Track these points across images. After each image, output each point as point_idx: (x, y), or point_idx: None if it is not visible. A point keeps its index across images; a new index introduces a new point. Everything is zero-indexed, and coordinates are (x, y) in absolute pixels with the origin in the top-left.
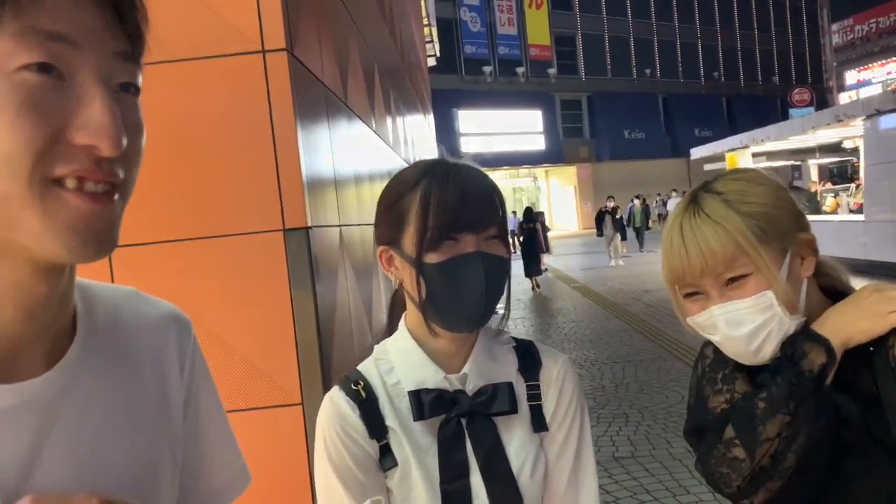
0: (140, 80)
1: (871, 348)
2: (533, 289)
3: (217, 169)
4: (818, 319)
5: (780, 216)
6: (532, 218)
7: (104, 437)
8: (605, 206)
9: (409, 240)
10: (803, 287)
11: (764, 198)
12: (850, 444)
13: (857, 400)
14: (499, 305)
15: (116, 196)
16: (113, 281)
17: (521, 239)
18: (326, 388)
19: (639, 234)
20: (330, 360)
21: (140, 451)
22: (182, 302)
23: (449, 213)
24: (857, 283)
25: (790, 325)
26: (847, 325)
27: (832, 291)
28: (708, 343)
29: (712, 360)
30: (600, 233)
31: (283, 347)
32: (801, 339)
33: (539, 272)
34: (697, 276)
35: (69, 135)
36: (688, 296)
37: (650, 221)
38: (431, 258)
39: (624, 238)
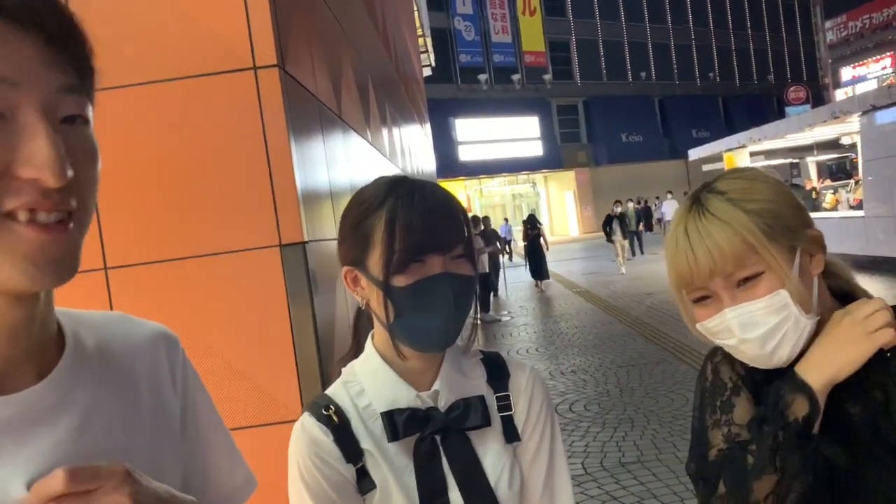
0: (89, 110)
1: (889, 354)
2: (537, 285)
3: (211, 186)
4: (803, 358)
5: (786, 212)
6: (535, 224)
7: (107, 446)
8: (613, 211)
9: (374, 262)
10: (815, 285)
11: (767, 194)
12: (847, 487)
13: (868, 407)
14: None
15: (72, 225)
16: (111, 300)
17: (526, 244)
18: None
19: (634, 238)
20: (330, 374)
21: (143, 458)
22: (180, 320)
23: (415, 236)
24: (859, 280)
25: (806, 324)
26: (832, 361)
27: (839, 293)
28: (709, 358)
29: (711, 384)
30: (609, 239)
31: (283, 363)
32: (786, 387)
33: (547, 275)
34: (706, 277)
35: (15, 169)
36: (697, 301)
37: (652, 223)
38: (399, 281)
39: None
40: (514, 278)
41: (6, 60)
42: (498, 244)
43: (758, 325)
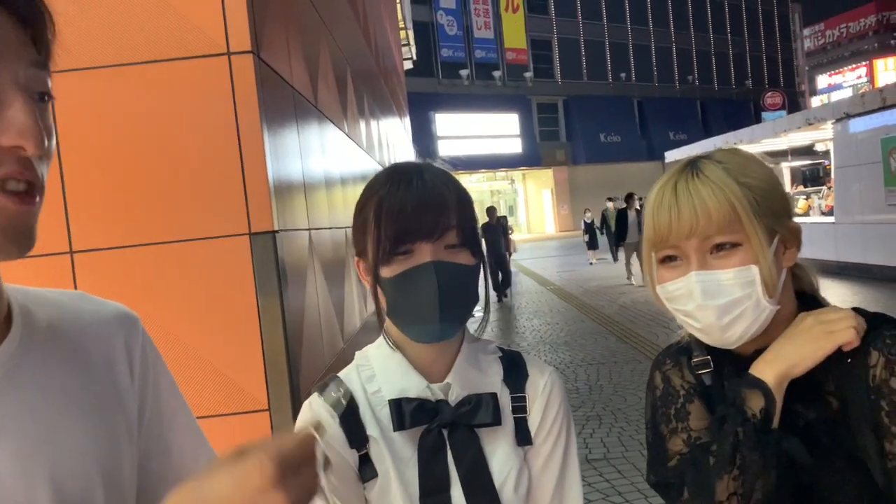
0: (50, 87)
1: (850, 360)
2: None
3: (181, 172)
4: (762, 355)
5: (774, 197)
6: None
7: (57, 422)
8: (586, 217)
9: (371, 250)
10: (783, 276)
11: (761, 175)
12: (810, 483)
13: (825, 411)
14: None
15: (38, 197)
16: (76, 284)
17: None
18: (294, 394)
19: (613, 240)
20: (298, 365)
21: (98, 436)
22: (146, 307)
23: (399, 224)
24: (827, 285)
25: (766, 308)
26: (791, 353)
27: (799, 295)
28: (657, 367)
29: (662, 392)
30: (592, 245)
31: (250, 352)
32: (740, 385)
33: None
34: (684, 236)
35: None
36: (664, 261)
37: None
38: (386, 271)
39: (595, 247)
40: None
41: None
42: (505, 240)
43: (720, 294)
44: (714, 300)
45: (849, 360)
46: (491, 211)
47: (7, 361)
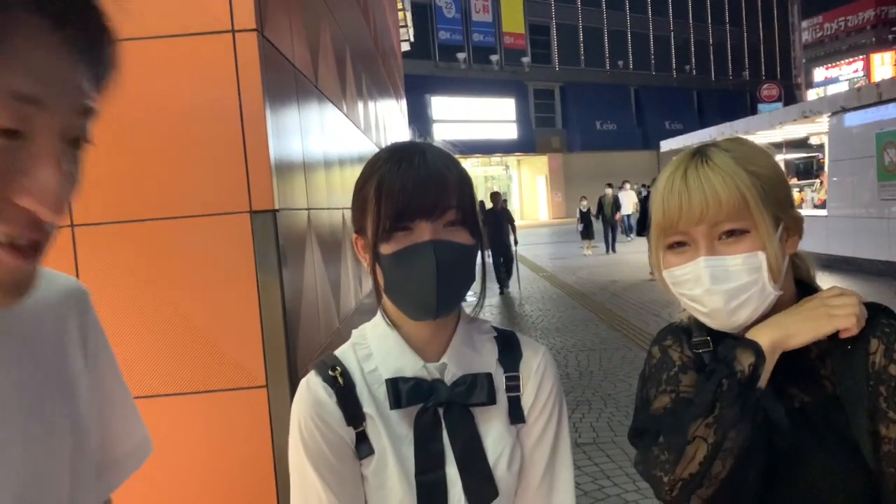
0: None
1: (849, 346)
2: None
3: (183, 149)
4: (761, 322)
5: (779, 186)
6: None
7: (4, 427)
8: (582, 205)
9: (370, 228)
10: (785, 263)
11: (766, 164)
12: (790, 449)
13: (820, 394)
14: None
15: (41, 253)
16: (76, 258)
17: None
18: (292, 372)
19: (609, 230)
20: (296, 343)
21: (43, 430)
22: (146, 282)
23: (399, 201)
24: (818, 278)
25: (770, 293)
26: (789, 324)
27: (797, 282)
28: (657, 342)
29: (658, 362)
30: (587, 235)
31: (249, 329)
32: (731, 344)
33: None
34: (694, 222)
35: (12, 194)
36: (672, 247)
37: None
38: (385, 249)
39: (591, 237)
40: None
41: (43, 75)
42: (511, 229)
43: (728, 279)
44: (722, 285)
45: (849, 347)
46: (496, 196)
47: None
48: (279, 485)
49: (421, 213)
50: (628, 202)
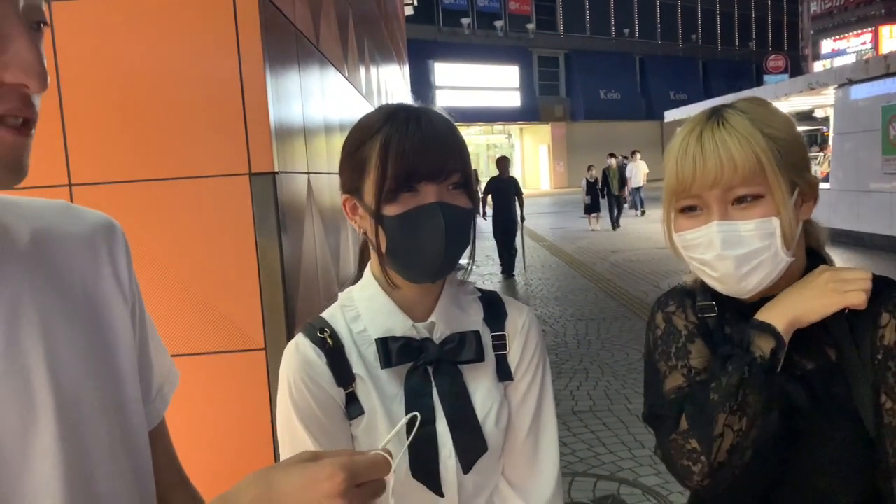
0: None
1: (847, 312)
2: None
3: (183, 109)
4: (770, 301)
5: (796, 149)
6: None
7: (45, 342)
8: (591, 176)
9: (369, 189)
10: (799, 229)
11: (784, 126)
12: (803, 429)
13: (823, 362)
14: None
15: (32, 130)
16: None
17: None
18: (290, 335)
19: (615, 204)
20: (294, 305)
21: (87, 353)
22: (144, 243)
23: (408, 163)
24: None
25: (782, 259)
26: (800, 303)
27: (809, 251)
28: (660, 308)
29: (664, 332)
30: (593, 208)
31: (247, 292)
32: (749, 328)
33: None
34: (708, 185)
35: None
36: (683, 210)
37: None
38: (390, 210)
39: (597, 210)
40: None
41: None
42: (519, 201)
43: (741, 244)
44: (734, 250)
45: (846, 313)
46: (502, 162)
47: None
48: (276, 446)
49: (429, 175)
50: (639, 174)
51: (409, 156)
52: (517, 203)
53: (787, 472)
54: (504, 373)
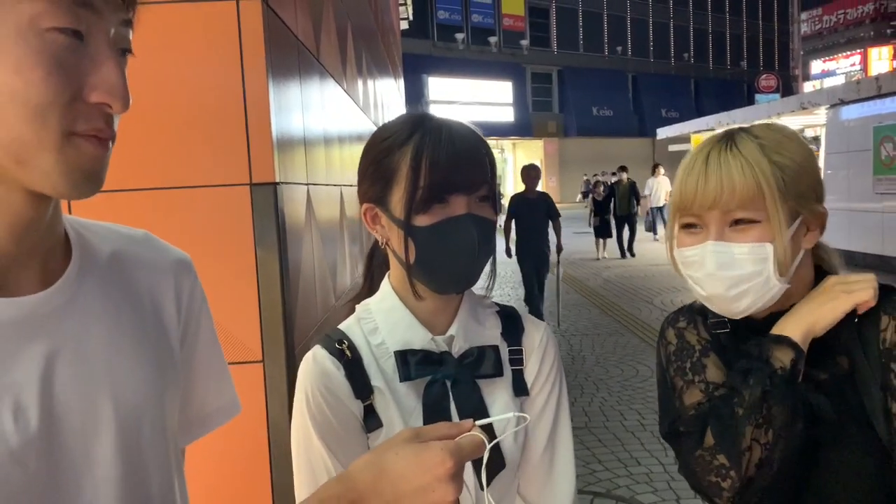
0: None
1: (857, 320)
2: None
3: (183, 118)
4: (783, 316)
5: (805, 179)
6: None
7: (111, 354)
8: (597, 192)
9: (397, 200)
10: (799, 257)
11: (796, 155)
12: (823, 439)
13: (835, 372)
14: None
15: (111, 145)
16: None
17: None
18: (289, 347)
19: (626, 225)
20: (293, 318)
21: (146, 364)
22: None
23: (440, 174)
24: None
25: (775, 285)
26: (811, 311)
27: (821, 273)
28: (671, 323)
29: (676, 348)
30: (603, 231)
31: (246, 303)
32: (766, 341)
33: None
34: (707, 206)
35: (85, 93)
36: (685, 227)
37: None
38: (421, 221)
39: (608, 235)
40: None
41: None
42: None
43: (732, 267)
44: (725, 271)
45: (856, 320)
46: (530, 173)
47: (68, 288)
48: (272, 458)
49: (460, 187)
50: (661, 192)
51: (443, 166)
52: (552, 227)
53: (809, 483)
54: (520, 388)
